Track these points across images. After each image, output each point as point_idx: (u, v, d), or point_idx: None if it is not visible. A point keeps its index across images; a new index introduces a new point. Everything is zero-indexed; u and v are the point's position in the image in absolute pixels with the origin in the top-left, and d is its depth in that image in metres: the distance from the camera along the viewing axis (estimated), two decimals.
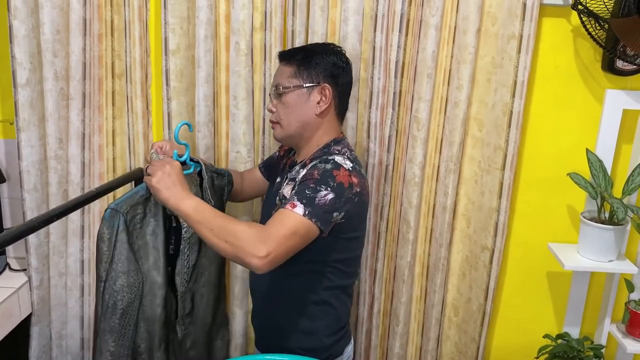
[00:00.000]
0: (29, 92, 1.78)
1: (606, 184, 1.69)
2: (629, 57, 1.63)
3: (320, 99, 1.42)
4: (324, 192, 1.28)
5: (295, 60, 1.43)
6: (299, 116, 1.43)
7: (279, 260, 1.23)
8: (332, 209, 1.29)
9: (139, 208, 1.39)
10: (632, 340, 1.78)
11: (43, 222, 1.35)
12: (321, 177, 1.30)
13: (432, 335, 1.90)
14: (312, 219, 1.26)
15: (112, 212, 1.34)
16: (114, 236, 1.34)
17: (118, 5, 1.73)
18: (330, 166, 1.33)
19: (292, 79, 1.42)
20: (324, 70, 1.43)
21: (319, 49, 1.46)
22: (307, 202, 1.26)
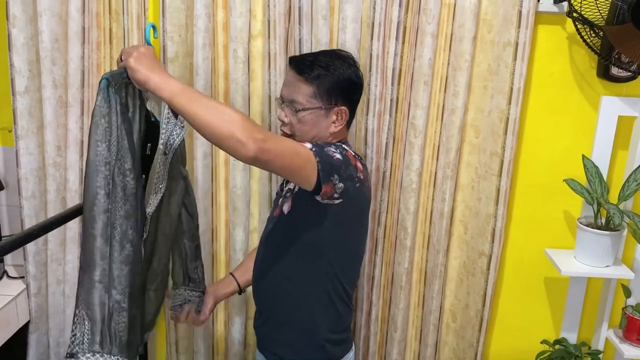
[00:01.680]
0: (28, 99, 1.78)
1: (602, 190, 1.70)
2: (624, 64, 1.64)
3: (336, 119, 1.44)
4: (334, 151, 1.33)
5: (315, 79, 1.40)
6: (313, 133, 1.44)
7: (268, 156, 1.13)
8: (336, 167, 1.31)
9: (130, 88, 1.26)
10: (629, 346, 1.79)
11: (41, 229, 1.34)
12: (332, 145, 1.36)
13: (430, 341, 1.91)
14: (316, 157, 1.26)
15: (107, 83, 1.18)
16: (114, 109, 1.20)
17: (117, 13, 1.74)
18: (341, 148, 1.38)
19: (311, 100, 1.41)
20: (342, 92, 1.43)
21: (337, 66, 1.42)
22: (317, 147, 1.30)
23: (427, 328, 1.90)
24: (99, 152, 1.20)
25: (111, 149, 1.21)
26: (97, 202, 1.22)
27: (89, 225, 1.23)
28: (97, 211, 1.22)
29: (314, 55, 1.47)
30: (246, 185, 1.82)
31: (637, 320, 1.77)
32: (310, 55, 1.49)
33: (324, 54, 1.47)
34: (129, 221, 1.25)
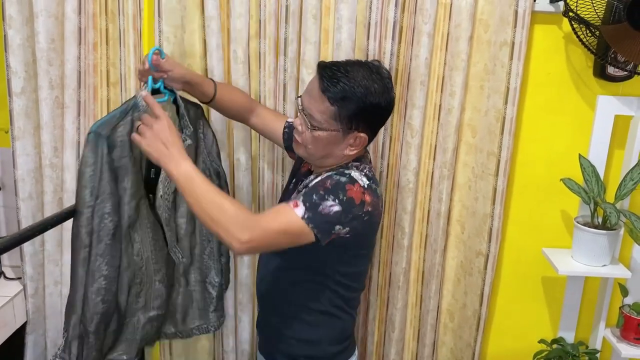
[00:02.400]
0: (24, 100, 1.78)
1: (599, 189, 1.71)
2: (620, 63, 1.65)
3: (353, 143, 1.34)
4: (330, 203, 1.25)
5: (338, 101, 1.28)
6: (326, 151, 1.36)
7: (258, 250, 1.25)
8: (335, 221, 1.26)
9: (120, 131, 1.38)
10: (626, 345, 1.79)
11: (38, 230, 1.35)
12: (332, 188, 1.27)
13: (428, 341, 1.91)
14: (309, 224, 1.23)
15: (95, 136, 1.33)
16: (100, 159, 1.34)
17: (113, 14, 1.73)
18: (344, 179, 1.29)
19: (330, 120, 1.30)
20: (366, 119, 1.32)
21: (368, 90, 1.29)
22: (310, 207, 1.24)
23: (424, 328, 1.90)
24: (83, 196, 1.37)
25: (93, 193, 1.37)
26: (79, 237, 1.39)
27: (73, 256, 1.42)
28: (79, 245, 1.40)
29: (345, 69, 1.30)
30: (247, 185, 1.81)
31: (634, 320, 1.77)
32: (341, 68, 1.31)
33: (357, 69, 1.31)
34: (103, 258, 1.41)
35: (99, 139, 1.33)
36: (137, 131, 1.30)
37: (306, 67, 1.69)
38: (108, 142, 1.34)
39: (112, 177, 1.38)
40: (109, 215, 1.39)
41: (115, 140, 1.37)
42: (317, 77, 1.32)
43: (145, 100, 1.34)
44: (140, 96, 1.39)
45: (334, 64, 1.34)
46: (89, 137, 1.34)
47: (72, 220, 1.39)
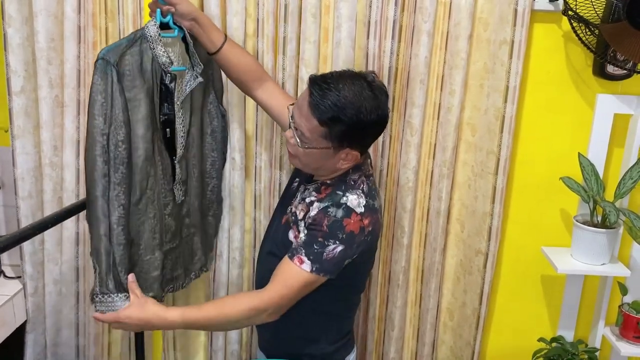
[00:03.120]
0: (24, 99, 1.78)
1: (598, 188, 1.71)
2: (620, 61, 1.65)
3: (345, 158, 1.34)
4: (333, 247, 1.28)
5: (327, 121, 1.26)
6: (319, 164, 1.36)
7: (285, 310, 1.33)
8: (342, 258, 1.30)
9: (128, 59, 1.38)
10: (625, 343, 1.79)
11: (38, 229, 1.35)
12: (330, 230, 1.28)
13: (428, 339, 1.91)
14: (319, 274, 1.29)
15: (103, 63, 1.34)
16: (110, 86, 1.35)
17: (112, 13, 1.73)
18: (341, 214, 1.29)
19: (320, 139, 1.29)
20: (356, 137, 1.31)
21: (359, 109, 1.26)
22: (315, 259, 1.27)
23: (424, 326, 1.90)
24: (96, 124, 1.35)
25: (106, 121, 1.36)
26: (96, 168, 1.38)
27: (91, 188, 1.40)
28: (97, 176, 1.38)
29: (336, 85, 1.27)
30: (242, 184, 1.82)
31: (633, 318, 1.77)
32: (332, 85, 1.27)
33: (349, 86, 1.27)
34: (120, 187, 1.41)
35: (107, 65, 1.33)
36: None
37: (305, 65, 1.69)
38: (117, 69, 1.35)
39: (124, 105, 1.38)
40: (123, 143, 1.39)
41: (123, 68, 1.37)
42: (307, 93, 1.29)
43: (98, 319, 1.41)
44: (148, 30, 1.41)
45: (325, 79, 1.30)
46: (97, 63, 1.34)
47: (86, 152, 1.39)
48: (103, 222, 1.41)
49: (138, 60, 1.40)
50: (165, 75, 1.47)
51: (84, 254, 1.89)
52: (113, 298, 1.44)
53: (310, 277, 1.28)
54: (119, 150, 1.39)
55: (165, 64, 1.44)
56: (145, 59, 1.42)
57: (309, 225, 1.32)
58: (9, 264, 2.02)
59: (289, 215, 1.43)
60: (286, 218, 1.44)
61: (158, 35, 1.42)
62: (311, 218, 1.32)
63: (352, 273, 1.39)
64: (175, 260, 1.63)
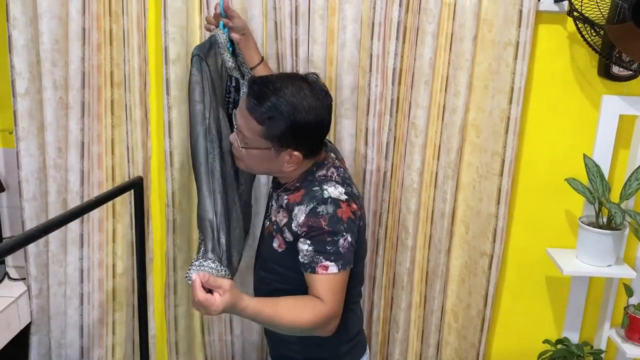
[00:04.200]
0: (28, 101, 1.78)
1: (604, 189, 1.70)
2: (625, 62, 1.64)
3: (289, 160, 1.32)
4: (341, 240, 1.28)
5: (265, 120, 1.27)
6: (264, 167, 1.38)
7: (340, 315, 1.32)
8: (353, 244, 1.32)
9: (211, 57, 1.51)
10: (631, 345, 1.78)
11: (42, 231, 1.35)
12: (332, 228, 1.28)
13: (432, 341, 1.90)
14: (345, 268, 1.29)
15: (199, 59, 1.46)
16: (206, 77, 1.46)
17: (117, 15, 1.74)
18: (332, 208, 1.29)
19: (260, 139, 1.30)
20: (296, 137, 1.29)
21: (296, 108, 1.27)
22: (336, 257, 1.28)
23: (428, 328, 1.90)
24: (198, 109, 1.44)
25: (206, 107, 1.44)
26: (199, 145, 1.43)
27: (196, 165, 1.44)
28: (200, 151, 1.43)
29: (275, 85, 1.29)
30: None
31: (639, 320, 1.77)
32: (270, 85, 1.29)
33: (288, 85, 1.29)
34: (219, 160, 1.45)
35: (201, 61, 1.45)
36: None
37: (315, 67, 1.69)
38: (208, 63, 1.47)
39: (214, 95, 1.48)
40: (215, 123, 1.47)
41: (211, 64, 1.49)
42: (248, 94, 1.30)
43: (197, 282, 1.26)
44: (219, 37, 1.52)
45: (265, 80, 1.31)
46: (193, 59, 1.45)
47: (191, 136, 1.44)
48: (209, 196, 1.43)
49: (214, 63, 1.52)
50: (230, 80, 1.58)
51: (89, 256, 1.89)
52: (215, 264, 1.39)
53: (342, 276, 1.29)
54: (213, 133, 1.45)
55: (230, 69, 1.55)
56: (219, 61, 1.55)
57: (308, 234, 1.29)
58: (13, 265, 2.02)
59: (270, 226, 1.43)
60: (268, 229, 1.44)
61: (226, 42, 1.53)
62: (304, 225, 1.29)
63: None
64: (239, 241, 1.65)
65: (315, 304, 1.27)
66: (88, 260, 1.89)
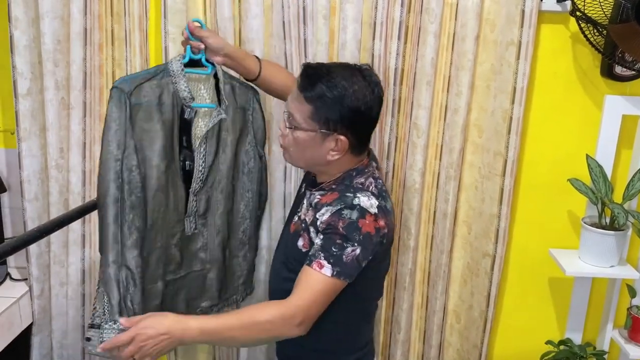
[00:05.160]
0: (30, 102, 1.78)
1: (606, 190, 1.70)
2: (628, 62, 1.64)
3: (334, 147, 1.31)
4: (351, 249, 1.25)
5: (315, 100, 1.28)
6: (307, 156, 1.35)
7: (314, 320, 1.26)
8: (361, 260, 1.27)
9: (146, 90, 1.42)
10: (634, 346, 1.78)
11: (44, 231, 1.35)
12: (347, 233, 1.25)
13: (434, 342, 1.90)
14: (339, 277, 1.24)
15: (117, 91, 1.38)
16: (124, 114, 1.38)
17: (118, 15, 1.74)
18: (356, 215, 1.26)
19: (308, 120, 1.29)
20: (343, 120, 1.28)
21: (346, 90, 1.27)
22: (335, 262, 1.24)
23: (430, 329, 1.89)
24: (110, 150, 1.39)
25: (120, 147, 1.39)
26: (110, 193, 1.40)
27: (104, 214, 1.41)
28: (110, 201, 1.40)
29: (328, 69, 1.31)
30: None
31: None
32: (323, 68, 1.32)
33: (340, 70, 1.30)
34: (134, 211, 1.43)
35: (121, 94, 1.38)
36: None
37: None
38: (131, 99, 1.39)
39: (138, 133, 1.41)
40: (136, 168, 1.42)
41: (140, 99, 1.41)
42: (299, 77, 1.32)
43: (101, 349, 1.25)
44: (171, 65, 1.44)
45: (319, 64, 1.35)
46: (111, 91, 1.39)
47: (99, 176, 1.41)
48: (114, 249, 1.42)
49: (157, 93, 1.43)
50: (185, 109, 1.48)
51: (90, 256, 1.89)
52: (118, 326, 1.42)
53: (331, 282, 1.24)
54: (134, 174, 1.41)
55: (186, 99, 1.46)
56: (165, 93, 1.44)
57: (324, 230, 1.28)
58: (15, 266, 2.02)
59: (298, 223, 1.40)
60: (295, 227, 1.41)
61: (181, 70, 1.45)
62: (324, 223, 1.28)
63: (368, 277, 1.34)
64: (177, 292, 1.60)
65: (274, 305, 1.25)
66: (90, 260, 1.89)
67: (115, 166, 1.39)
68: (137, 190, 1.42)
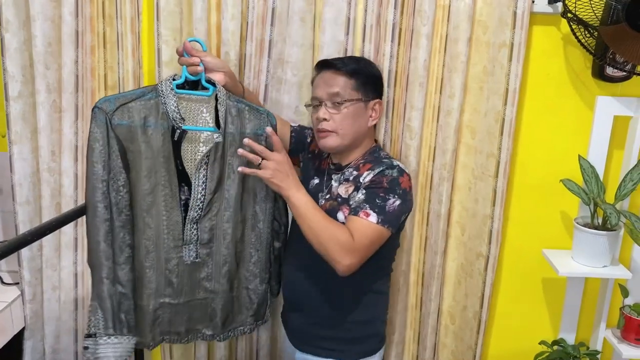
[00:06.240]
0: (21, 104, 1.77)
1: (599, 190, 1.70)
2: (619, 63, 1.65)
3: (372, 113, 1.54)
4: (392, 200, 1.41)
5: (352, 73, 1.49)
6: (355, 127, 1.51)
7: (358, 267, 1.39)
8: (401, 212, 1.44)
9: (130, 111, 1.41)
10: (627, 346, 1.79)
11: (36, 235, 1.34)
12: (390, 186, 1.42)
13: (429, 343, 1.90)
14: (384, 225, 1.39)
15: (99, 111, 1.38)
16: (106, 134, 1.39)
17: (110, 17, 1.73)
18: (396, 174, 1.44)
19: (353, 92, 1.49)
20: (374, 86, 1.54)
21: (366, 64, 1.55)
22: (379, 211, 1.39)
23: (425, 330, 1.90)
24: (96, 171, 1.40)
25: (105, 168, 1.41)
26: (97, 214, 1.43)
27: (93, 233, 1.44)
28: (99, 221, 1.43)
29: (341, 57, 1.58)
30: None
31: (635, 320, 1.77)
32: (337, 58, 1.56)
33: (348, 57, 1.60)
34: (124, 229, 1.46)
35: (102, 114, 1.38)
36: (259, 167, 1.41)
37: (291, 69, 1.69)
38: (113, 119, 1.39)
39: (122, 152, 1.42)
40: (124, 187, 1.44)
41: (122, 119, 1.40)
42: (324, 69, 1.51)
43: (270, 135, 1.47)
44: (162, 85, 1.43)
45: (331, 58, 1.56)
46: (93, 112, 1.39)
47: (86, 197, 1.44)
48: (105, 265, 1.46)
49: (143, 114, 1.42)
50: (176, 132, 1.45)
51: (83, 260, 1.87)
52: (120, 339, 1.49)
53: (378, 229, 1.38)
54: (121, 194, 1.44)
55: (175, 120, 1.44)
56: (152, 113, 1.43)
57: (367, 187, 1.43)
58: (6, 270, 2.01)
59: (331, 201, 1.51)
60: (327, 206, 1.50)
61: (170, 90, 1.43)
62: (369, 181, 1.44)
63: (395, 246, 1.61)
64: (175, 315, 1.59)
65: (346, 232, 1.38)
66: (82, 264, 1.88)
67: (102, 187, 1.41)
68: (127, 209, 1.46)
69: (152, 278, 1.53)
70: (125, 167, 1.43)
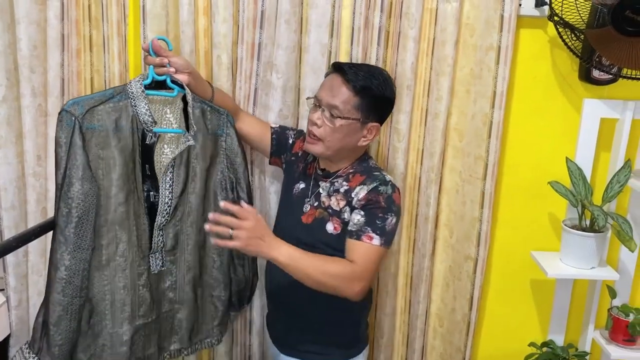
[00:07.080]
0: (6, 108, 1.75)
1: (586, 192, 1.71)
2: (605, 66, 1.66)
3: (366, 134, 1.48)
4: (390, 219, 1.42)
5: (361, 90, 1.42)
6: (344, 142, 1.47)
7: (368, 289, 1.44)
8: (396, 228, 1.46)
9: (100, 114, 1.33)
10: (615, 346, 1.79)
11: (21, 241, 1.33)
12: (387, 205, 1.42)
13: (417, 346, 1.90)
14: (386, 246, 1.42)
15: (66, 115, 1.29)
16: (69, 140, 1.30)
17: (96, 20, 1.71)
18: (390, 190, 1.44)
19: (353, 110, 1.43)
20: (379, 109, 1.48)
21: (381, 82, 1.45)
22: (381, 232, 1.40)
23: (413, 333, 1.89)
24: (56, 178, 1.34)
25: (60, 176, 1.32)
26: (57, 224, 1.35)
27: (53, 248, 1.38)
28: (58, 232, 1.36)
29: (359, 66, 1.49)
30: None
31: (622, 321, 1.78)
32: (355, 65, 1.49)
33: (368, 67, 1.50)
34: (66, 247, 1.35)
35: (70, 118, 1.30)
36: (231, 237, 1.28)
37: (277, 72, 1.68)
38: (83, 123, 1.31)
39: (85, 160, 1.32)
40: (73, 201, 1.32)
41: (92, 123, 1.32)
42: (336, 74, 1.45)
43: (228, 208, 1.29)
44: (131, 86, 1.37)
45: (348, 63, 1.52)
46: (59, 115, 1.31)
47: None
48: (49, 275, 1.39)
49: (113, 117, 1.35)
50: (147, 135, 1.40)
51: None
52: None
53: (381, 250, 1.41)
54: (70, 208, 1.33)
55: (147, 123, 1.38)
56: (123, 116, 1.36)
57: (365, 206, 1.42)
58: None
59: (321, 211, 1.50)
60: (316, 214, 1.50)
61: (141, 91, 1.37)
62: (363, 199, 1.43)
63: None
64: (149, 336, 1.51)
65: (345, 262, 1.39)
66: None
67: (59, 194, 1.33)
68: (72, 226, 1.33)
69: (127, 300, 1.44)
70: (86, 178, 1.33)
